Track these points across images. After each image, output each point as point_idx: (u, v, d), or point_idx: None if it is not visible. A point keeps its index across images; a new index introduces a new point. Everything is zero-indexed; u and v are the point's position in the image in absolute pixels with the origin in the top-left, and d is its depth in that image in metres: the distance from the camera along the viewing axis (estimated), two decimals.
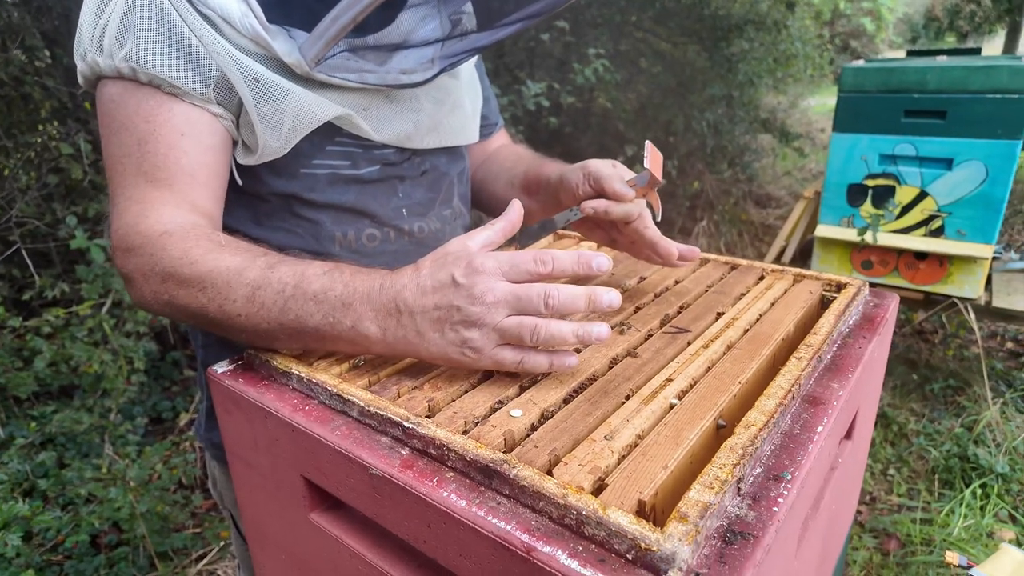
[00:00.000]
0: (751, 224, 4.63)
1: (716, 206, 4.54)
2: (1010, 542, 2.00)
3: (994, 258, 2.70)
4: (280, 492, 0.68)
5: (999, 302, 2.44)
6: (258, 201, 0.82)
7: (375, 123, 0.82)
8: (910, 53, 2.90)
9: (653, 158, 0.75)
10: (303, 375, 0.64)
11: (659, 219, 0.83)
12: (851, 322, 0.76)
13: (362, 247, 0.87)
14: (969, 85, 2.22)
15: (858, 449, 0.81)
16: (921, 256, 2.47)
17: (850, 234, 2.56)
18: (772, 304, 0.79)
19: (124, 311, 2.16)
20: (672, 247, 0.81)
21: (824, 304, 0.83)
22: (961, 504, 2.13)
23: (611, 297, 0.60)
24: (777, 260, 2.94)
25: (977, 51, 2.76)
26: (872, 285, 0.84)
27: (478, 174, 1.11)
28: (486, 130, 1.09)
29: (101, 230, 2.28)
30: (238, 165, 0.78)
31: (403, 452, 0.55)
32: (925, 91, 2.30)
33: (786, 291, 0.83)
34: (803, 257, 2.86)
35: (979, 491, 2.18)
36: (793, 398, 0.58)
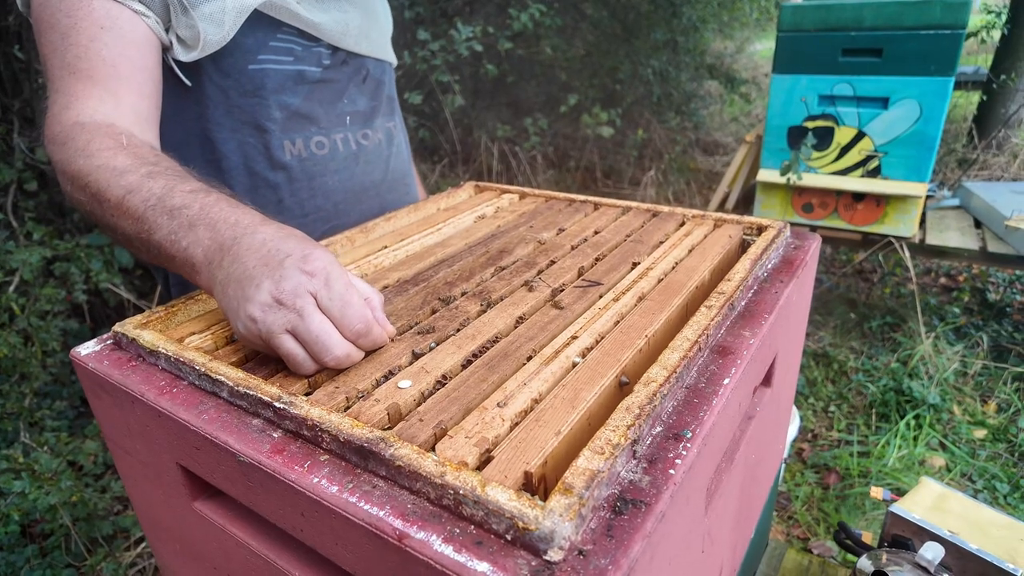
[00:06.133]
0: (698, 172, 4.62)
1: (664, 155, 4.51)
2: (940, 469, 2.10)
3: (928, 196, 2.75)
4: (161, 481, 0.62)
5: (932, 239, 2.50)
6: (211, 107, 0.83)
7: (308, 8, 0.85)
8: None
9: None
10: (171, 353, 0.57)
11: None
12: (770, 266, 0.73)
13: (312, 155, 0.90)
14: (904, 21, 2.20)
15: (780, 394, 0.79)
16: (859, 197, 2.50)
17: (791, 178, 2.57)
18: (690, 251, 0.76)
19: (36, 288, 2.01)
20: None
21: (745, 248, 0.80)
22: (896, 436, 2.22)
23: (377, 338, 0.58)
24: (721, 207, 2.94)
25: None
26: (813, 228, 0.81)
27: None
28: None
29: None
30: (182, 64, 0.79)
31: (275, 435, 0.49)
32: (862, 28, 2.28)
33: (706, 236, 0.80)
34: (747, 203, 2.87)
35: (912, 422, 2.27)
36: (700, 349, 0.55)
